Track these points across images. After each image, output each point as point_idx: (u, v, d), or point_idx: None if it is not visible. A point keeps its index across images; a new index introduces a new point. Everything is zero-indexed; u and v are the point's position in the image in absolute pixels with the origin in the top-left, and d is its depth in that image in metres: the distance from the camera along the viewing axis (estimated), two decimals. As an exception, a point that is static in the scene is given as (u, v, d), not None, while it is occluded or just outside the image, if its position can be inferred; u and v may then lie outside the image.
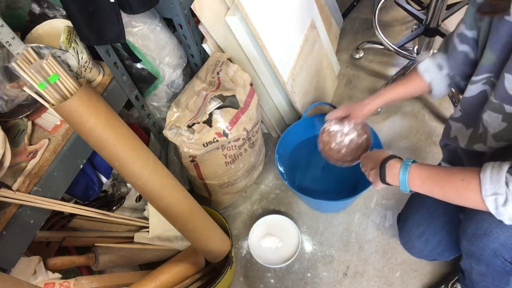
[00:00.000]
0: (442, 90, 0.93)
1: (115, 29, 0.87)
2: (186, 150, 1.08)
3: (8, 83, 0.81)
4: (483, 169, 0.65)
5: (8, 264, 0.83)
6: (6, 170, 0.79)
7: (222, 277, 1.06)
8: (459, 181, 0.68)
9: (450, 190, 0.70)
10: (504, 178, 0.63)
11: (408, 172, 0.76)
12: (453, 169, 0.71)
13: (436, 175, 0.73)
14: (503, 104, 0.67)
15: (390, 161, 0.82)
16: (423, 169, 0.76)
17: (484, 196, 0.64)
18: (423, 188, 0.75)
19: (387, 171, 0.81)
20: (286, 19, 1.26)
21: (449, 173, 0.71)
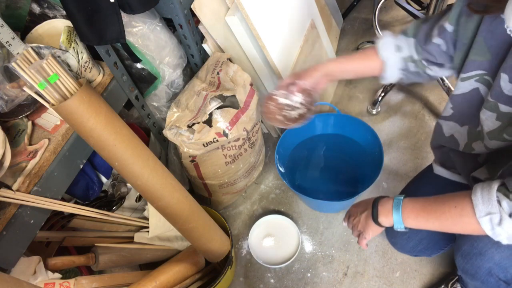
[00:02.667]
0: (394, 73, 0.89)
1: (115, 29, 0.87)
2: (186, 150, 1.08)
3: (8, 83, 0.81)
4: (473, 191, 0.65)
5: (8, 264, 0.83)
6: (6, 170, 0.79)
7: (222, 277, 1.06)
8: (453, 208, 0.68)
9: (446, 220, 0.69)
10: (495, 197, 0.63)
11: (401, 207, 0.75)
12: (445, 197, 0.71)
13: (429, 207, 0.72)
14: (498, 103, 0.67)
15: (383, 199, 0.80)
16: (415, 202, 0.74)
17: (479, 218, 0.63)
18: (418, 221, 0.73)
19: (379, 210, 0.78)
20: (286, 19, 1.26)
21: (441, 202, 0.70)
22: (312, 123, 1.37)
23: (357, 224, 0.83)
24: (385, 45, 0.87)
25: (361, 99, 1.66)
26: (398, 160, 1.44)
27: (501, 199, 0.62)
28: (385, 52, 0.87)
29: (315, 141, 1.44)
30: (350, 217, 0.88)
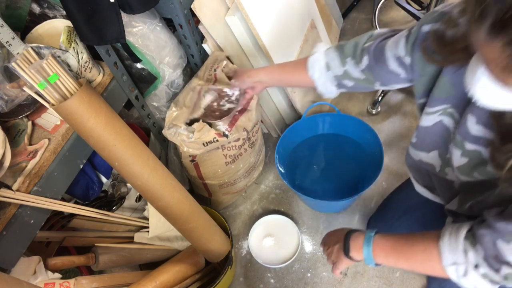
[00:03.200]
0: (328, 90, 0.87)
1: (115, 29, 0.87)
2: (186, 150, 1.08)
3: (8, 83, 0.81)
4: (442, 236, 0.64)
5: (8, 264, 0.83)
6: (6, 170, 0.79)
7: (222, 277, 1.06)
8: (421, 252, 0.67)
9: (416, 262, 0.68)
10: (462, 246, 0.61)
11: (371, 244, 0.74)
12: (415, 238, 0.70)
13: (399, 247, 0.71)
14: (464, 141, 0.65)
15: (355, 233, 0.79)
16: (386, 240, 0.73)
17: (445, 266, 0.62)
18: (388, 261, 0.73)
19: (351, 245, 0.77)
20: (286, 19, 1.26)
21: (411, 243, 0.69)
22: (312, 123, 1.38)
23: (331, 254, 0.83)
24: (315, 64, 0.85)
25: (361, 99, 1.66)
26: (398, 160, 1.44)
27: (468, 249, 0.61)
28: (314, 72, 0.85)
29: (315, 141, 1.44)
30: (324, 245, 0.87)
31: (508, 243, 0.56)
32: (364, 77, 0.79)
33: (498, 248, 0.57)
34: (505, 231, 0.56)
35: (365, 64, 0.77)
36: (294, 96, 1.37)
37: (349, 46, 0.80)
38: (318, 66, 0.84)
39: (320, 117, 1.37)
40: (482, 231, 0.59)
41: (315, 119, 1.37)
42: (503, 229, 0.56)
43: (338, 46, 0.83)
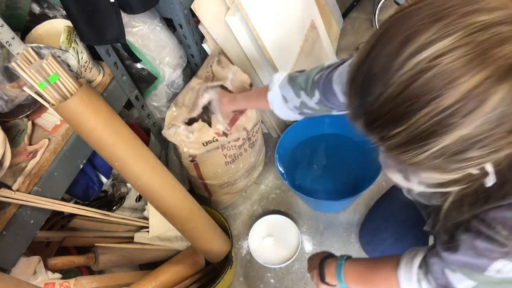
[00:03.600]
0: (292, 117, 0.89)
1: (115, 29, 0.87)
2: (185, 150, 1.08)
3: (8, 83, 0.81)
4: (399, 265, 0.66)
5: (8, 264, 0.83)
6: (6, 170, 0.79)
7: (222, 277, 1.06)
8: (383, 281, 0.69)
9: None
10: (415, 276, 0.63)
11: (342, 271, 0.77)
12: (377, 265, 0.72)
13: (364, 275, 0.74)
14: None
15: (328, 260, 0.81)
16: (355, 267, 0.76)
17: None
18: (358, 286, 0.76)
19: (325, 271, 0.80)
20: (286, 19, 1.26)
21: (376, 271, 0.72)
22: (312, 123, 1.37)
23: (312, 278, 0.86)
24: (274, 99, 0.87)
25: (361, 99, 1.65)
26: (398, 160, 1.44)
27: (421, 279, 0.62)
28: (274, 106, 0.88)
29: (315, 141, 1.44)
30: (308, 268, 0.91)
31: (454, 272, 0.57)
32: (319, 108, 0.80)
33: (446, 277, 0.58)
34: (450, 261, 0.57)
35: (317, 99, 0.77)
36: (294, 96, 1.37)
37: (301, 80, 0.81)
38: (277, 101, 0.87)
39: (320, 117, 1.37)
40: (432, 260, 0.60)
41: (315, 119, 1.37)
42: (447, 258, 0.57)
43: (290, 79, 0.84)
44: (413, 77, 0.36)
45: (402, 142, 0.39)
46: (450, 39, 0.35)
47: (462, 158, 0.39)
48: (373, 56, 0.40)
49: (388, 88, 0.38)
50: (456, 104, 0.35)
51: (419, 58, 0.36)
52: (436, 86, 0.35)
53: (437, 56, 0.35)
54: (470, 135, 0.36)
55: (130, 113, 1.35)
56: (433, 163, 0.40)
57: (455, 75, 0.35)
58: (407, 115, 0.37)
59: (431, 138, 0.37)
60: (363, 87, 0.41)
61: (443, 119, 0.36)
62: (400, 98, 0.37)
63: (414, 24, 0.37)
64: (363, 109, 0.42)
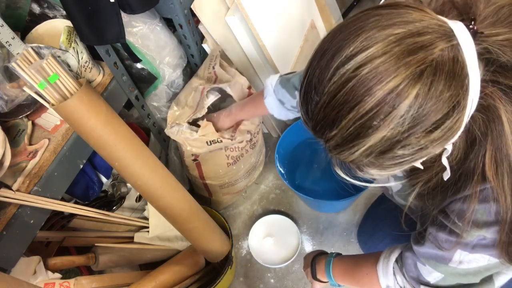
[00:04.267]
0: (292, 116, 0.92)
1: (115, 29, 0.87)
2: (189, 148, 1.08)
3: (8, 83, 0.81)
4: (378, 261, 0.69)
5: (8, 264, 0.82)
6: (6, 170, 0.79)
7: (222, 277, 1.06)
8: (365, 275, 0.72)
9: (364, 284, 0.73)
10: (391, 270, 0.66)
11: (331, 267, 0.80)
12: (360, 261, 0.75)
13: (350, 271, 0.77)
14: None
15: (319, 258, 0.84)
16: (341, 263, 0.79)
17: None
18: (345, 282, 0.79)
19: (317, 268, 0.83)
20: (286, 19, 1.26)
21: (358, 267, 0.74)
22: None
23: (306, 276, 0.89)
24: (271, 104, 0.91)
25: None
26: (398, 160, 1.44)
27: (396, 273, 0.65)
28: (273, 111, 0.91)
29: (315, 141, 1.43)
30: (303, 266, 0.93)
31: (424, 265, 0.60)
32: None
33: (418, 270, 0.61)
34: (419, 254, 0.60)
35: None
36: (294, 96, 1.37)
37: (295, 79, 0.84)
38: (275, 106, 0.90)
39: (320, 117, 1.36)
40: (407, 254, 0.63)
41: (315, 119, 1.37)
42: (417, 251, 0.60)
43: (284, 81, 0.86)
44: (340, 86, 0.40)
45: (337, 143, 0.44)
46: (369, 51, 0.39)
47: (391, 156, 0.43)
48: (312, 68, 0.44)
49: (323, 96, 0.42)
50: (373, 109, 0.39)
51: (344, 69, 0.40)
52: (357, 94, 0.39)
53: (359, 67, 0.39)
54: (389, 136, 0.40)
55: (130, 113, 1.35)
56: (367, 161, 0.44)
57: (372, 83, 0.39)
58: (337, 120, 0.42)
59: (358, 139, 0.42)
60: (306, 95, 0.45)
61: (364, 123, 0.40)
62: (331, 104, 0.42)
63: (342, 39, 0.42)
64: (307, 115, 0.47)
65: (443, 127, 0.41)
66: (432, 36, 0.39)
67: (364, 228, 1.19)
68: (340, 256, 0.82)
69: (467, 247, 0.53)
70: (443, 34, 0.39)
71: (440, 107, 0.39)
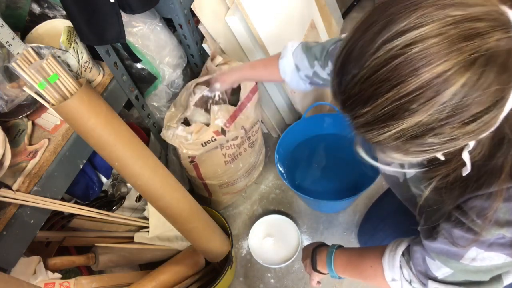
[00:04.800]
0: (302, 87, 0.89)
1: (115, 29, 0.87)
2: (185, 151, 1.08)
3: (8, 83, 0.81)
4: (384, 253, 0.68)
5: (8, 264, 0.83)
6: (6, 170, 0.79)
7: (222, 277, 1.06)
8: (369, 267, 0.70)
9: (366, 277, 0.72)
10: (398, 263, 0.65)
11: (333, 259, 0.78)
12: (364, 254, 0.74)
13: (353, 262, 0.75)
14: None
15: (321, 248, 0.83)
16: (344, 254, 0.78)
17: (388, 281, 0.66)
18: (346, 273, 0.77)
19: (317, 259, 0.82)
20: (286, 19, 1.26)
21: (362, 259, 0.73)
22: (312, 123, 1.37)
23: (305, 267, 0.87)
24: (285, 67, 0.87)
25: (361, 99, 1.66)
26: (398, 160, 1.44)
27: (403, 266, 0.64)
28: (286, 74, 0.88)
29: (315, 141, 1.44)
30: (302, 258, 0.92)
31: (433, 260, 0.59)
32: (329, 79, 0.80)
33: (427, 264, 0.60)
34: (430, 249, 0.59)
35: (330, 69, 0.78)
36: (294, 96, 1.37)
37: (317, 49, 0.81)
38: (289, 69, 0.87)
39: (320, 117, 1.37)
40: (415, 248, 0.62)
41: (315, 119, 1.37)
42: (428, 246, 0.59)
43: (305, 47, 0.84)
44: (383, 62, 0.38)
45: (367, 122, 0.42)
46: (423, 29, 0.37)
47: (420, 143, 0.41)
48: (355, 39, 0.42)
49: (362, 70, 0.40)
50: (415, 92, 0.37)
51: (392, 45, 0.38)
52: (401, 73, 0.37)
53: (408, 45, 0.37)
54: (425, 122, 0.39)
55: (130, 113, 1.35)
56: (394, 144, 0.43)
57: (420, 64, 0.37)
58: (373, 97, 0.40)
59: (391, 120, 0.40)
60: (343, 67, 0.43)
61: (402, 104, 0.38)
62: (369, 80, 0.40)
63: (394, 12, 0.39)
64: (340, 88, 0.44)
65: (480, 121, 0.39)
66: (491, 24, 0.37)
67: (365, 228, 1.19)
68: (342, 248, 0.81)
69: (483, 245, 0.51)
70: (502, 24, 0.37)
71: (484, 100, 0.37)
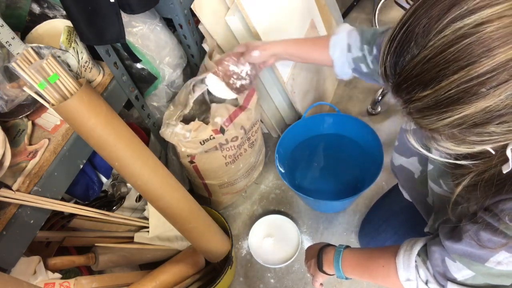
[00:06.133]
0: (344, 71, 0.86)
1: (115, 29, 0.87)
2: (183, 150, 1.08)
3: (8, 83, 0.81)
4: (398, 253, 0.66)
5: (8, 264, 0.83)
6: (6, 170, 0.79)
7: (222, 277, 1.06)
8: (381, 267, 0.69)
9: (377, 277, 0.71)
10: (413, 263, 0.63)
11: (340, 259, 0.77)
12: (376, 253, 0.72)
13: (363, 262, 0.74)
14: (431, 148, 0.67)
15: (327, 248, 0.82)
16: (353, 255, 0.76)
17: (401, 281, 0.65)
18: (354, 274, 0.76)
19: (323, 259, 0.81)
20: (286, 19, 1.26)
21: (373, 259, 0.72)
22: (312, 123, 1.38)
23: (309, 268, 0.86)
24: (337, 44, 0.83)
25: (361, 99, 1.66)
26: (398, 160, 1.44)
27: (419, 266, 0.63)
28: (335, 51, 0.84)
29: (315, 141, 1.44)
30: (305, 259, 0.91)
31: (454, 261, 0.57)
32: (373, 67, 0.79)
33: (446, 265, 0.59)
34: (451, 250, 0.57)
35: (374, 55, 0.76)
36: (294, 96, 1.37)
37: (368, 33, 0.79)
38: (340, 47, 0.83)
39: (320, 117, 1.37)
40: (434, 248, 0.61)
41: (315, 119, 1.37)
42: (449, 247, 0.58)
43: (360, 30, 0.81)
44: (452, 41, 0.36)
45: (425, 106, 0.39)
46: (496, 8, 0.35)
47: (480, 132, 0.39)
48: (417, 16, 0.39)
49: (425, 49, 0.38)
50: (488, 74, 0.35)
51: (462, 23, 0.36)
52: (473, 53, 0.35)
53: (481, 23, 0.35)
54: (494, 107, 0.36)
55: (130, 113, 1.35)
56: (451, 132, 0.40)
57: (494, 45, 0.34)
58: (437, 79, 0.37)
59: (455, 105, 0.37)
60: (402, 46, 0.40)
61: (471, 87, 0.36)
62: (434, 61, 0.37)
63: None
64: (396, 68, 0.41)
65: None
66: None
67: (366, 229, 1.19)
68: (350, 248, 0.79)
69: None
70: None
71: None
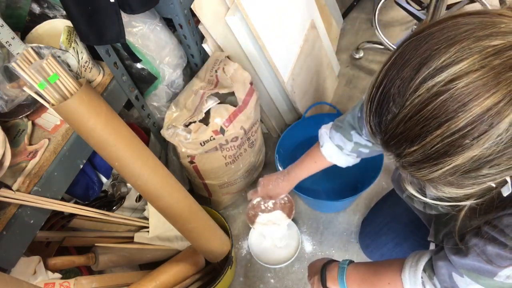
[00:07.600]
0: (352, 162, 0.92)
1: (115, 29, 0.87)
2: (184, 150, 1.08)
3: (8, 83, 0.81)
4: (403, 269, 0.66)
5: (8, 264, 0.83)
6: (6, 170, 0.79)
7: (222, 277, 1.06)
8: (386, 285, 0.69)
9: None
10: (420, 279, 0.63)
11: (345, 275, 0.77)
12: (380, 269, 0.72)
13: (368, 279, 0.74)
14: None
15: (331, 265, 0.82)
16: (357, 271, 0.77)
17: None
18: None
19: (327, 276, 0.81)
20: (286, 19, 1.26)
21: (378, 275, 0.72)
22: (312, 123, 1.37)
23: (312, 285, 0.86)
24: (328, 152, 0.90)
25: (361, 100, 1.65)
26: (398, 160, 1.44)
27: (425, 282, 0.63)
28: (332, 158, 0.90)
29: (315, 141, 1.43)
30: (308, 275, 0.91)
31: (462, 276, 0.57)
32: (371, 144, 0.82)
33: (453, 280, 0.58)
34: (458, 265, 0.57)
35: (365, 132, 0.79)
36: (294, 96, 1.37)
37: (347, 121, 0.83)
38: (332, 153, 0.89)
39: (320, 117, 1.37)
40: (440, 263, 0.60)
41: (315, 119, 1.37)
42: (456, 262, 0.57)
43: (336, 126, 0.86)
44: (428, 99, 0.37)
45: (416, 160, 0.41)
46: (464, 63, 0.36)
47: (476, 176, 0.40)
48: (390, 78, 0.41)
49: (404, 109, 0.39)
50: (468, 127, 0.36)
51: (434, 82, 0.37)
52: (449, 109, 0.36)
53: (452, 80, 0.36)
54: (481, 155, 0.37)
55: (130, 113, 1.35)
56: (448, 180, 0.41)
57: (468, 99, 0.36)
58: (421, 135, 0.38)
59: (444, 157, 0.39)
60: (381, 106, 0.42)
61: (454, 141, 0.37)
62: (415, 119, 0.38)
63: (430, 48, 0.38)
64: (380, 127, 0.43)
65: None
66: None
67: (366, 231, 1.19)
68: (354, 263, 0.79)
69: None
70: None
71: None
